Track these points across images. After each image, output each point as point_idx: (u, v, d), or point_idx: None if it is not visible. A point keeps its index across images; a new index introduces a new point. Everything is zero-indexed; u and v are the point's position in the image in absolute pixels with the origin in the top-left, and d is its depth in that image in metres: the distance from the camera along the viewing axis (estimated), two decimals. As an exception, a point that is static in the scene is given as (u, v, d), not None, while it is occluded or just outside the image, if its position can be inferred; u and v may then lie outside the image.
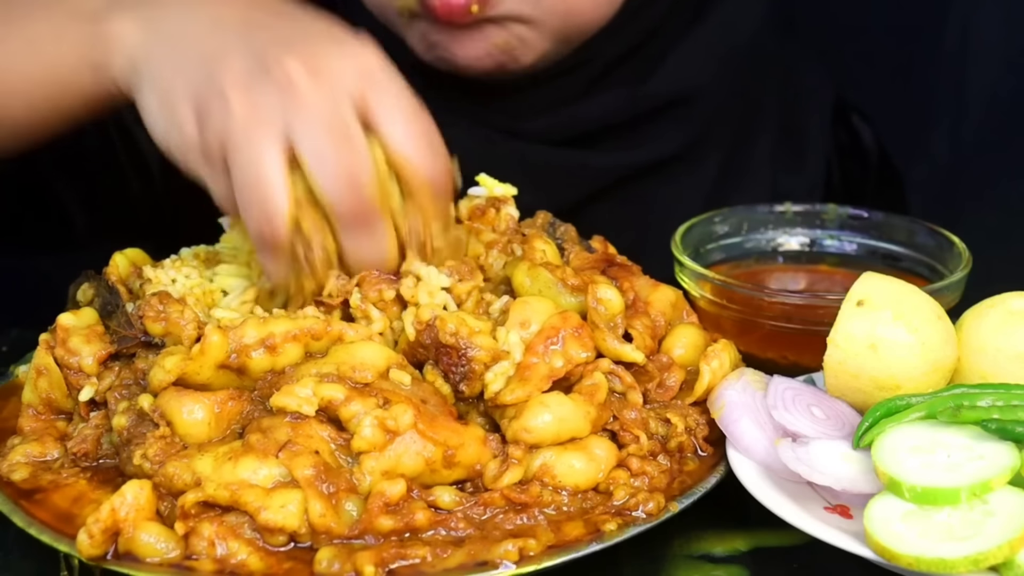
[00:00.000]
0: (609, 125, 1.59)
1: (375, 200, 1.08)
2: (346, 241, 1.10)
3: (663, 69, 1.59)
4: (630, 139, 1.60)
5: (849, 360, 1.10)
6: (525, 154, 1.57)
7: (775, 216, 1.49)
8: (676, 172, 1.63)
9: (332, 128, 1.06)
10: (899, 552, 0.93)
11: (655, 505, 1.03)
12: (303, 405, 1.02)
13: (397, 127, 1.08)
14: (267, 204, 1.06)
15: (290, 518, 0.97)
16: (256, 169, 1.05)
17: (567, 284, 1.15)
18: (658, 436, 1.11)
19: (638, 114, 1.59)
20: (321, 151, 1.05)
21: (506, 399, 1.06)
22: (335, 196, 1.06)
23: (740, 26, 1.64)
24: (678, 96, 1.60)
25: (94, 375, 1.13)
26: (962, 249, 1.36)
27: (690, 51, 1.60)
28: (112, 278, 1.20)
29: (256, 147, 1.05)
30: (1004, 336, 1.10)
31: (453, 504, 1.01)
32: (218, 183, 1.09)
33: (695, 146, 1.64)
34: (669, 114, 1.61)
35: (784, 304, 1.29)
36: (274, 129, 1.05)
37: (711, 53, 1.61)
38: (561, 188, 1.53)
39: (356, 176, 1.07)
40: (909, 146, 1.83)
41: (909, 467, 0.98)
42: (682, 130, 1.63)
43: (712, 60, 1.62)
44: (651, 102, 1.60)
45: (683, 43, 1.60)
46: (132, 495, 0.98)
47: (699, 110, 1.62)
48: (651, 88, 1.59)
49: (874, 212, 1.47)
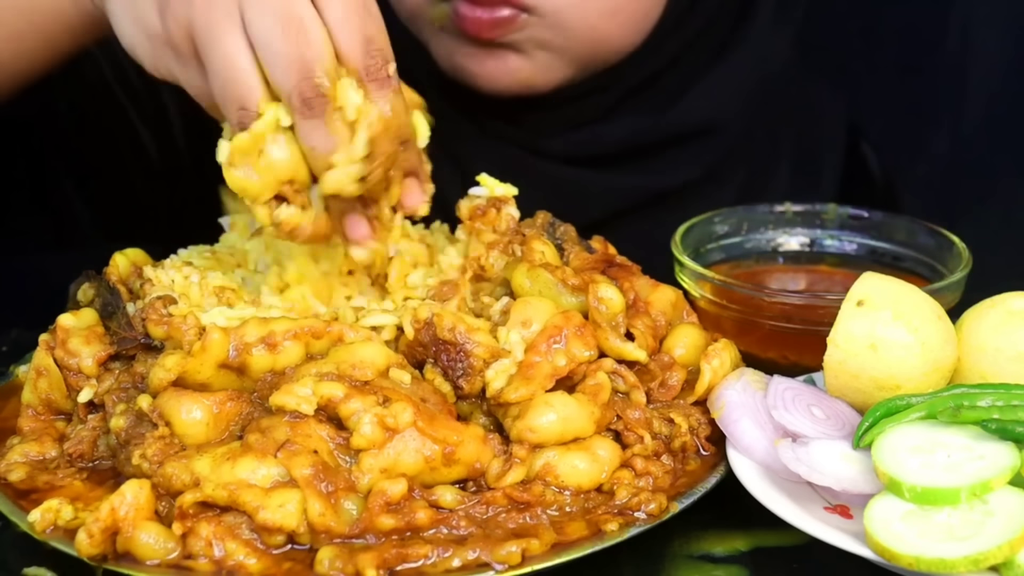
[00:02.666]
0: (630, 148, 1.60)
1: (324, 88, 1.06)
2: (300, 128, 1.08)
3: (689, 98, 1.60)
4: (651, 164, 1.61)
5: (849, 360, 1.10)
6: (544, 171, 1.58)
7: (775, 216, 1.49)
8: (695, 198, 1.62)
9: (281, 14, 1.06)
10: (899, 552, 0.93)
11: (657, 506, 1.03)
12: (302, 404, 1.02)
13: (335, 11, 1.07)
14: (241, 94, 1.06)
15: (288, 517, 0.97)
16: (224, 62, 1.06)
17: (567, 284, 1.15)
18: (662, 436, 1.11)
19: (660, 140, 1.60)
20: (270, 39, 1.06)
21: (509, 397, 1.06)
22: (285, 84, 1.06)
23: (769, 59, 1.65)
24: (703, 126, 1.61)
25: (94, 377, 1.13)
26: (962, 249, 1.36)
27: (718, 83, 1.61)
28: (112, 278, 1.20)
29: (221, 40, 1.06)
30: (1004, 336, 1.10)
31: (455, 503, 1.01)
32: (191, 78, 1.10)
33: (715, 173, 1.65)
34: (692, 142, 1.62)
35: (784, 304, 1.29)
36: (232, 16, 1.06)
37: (739, 86, 1.62)
38: (574, 209, 1.52)
39: (306, 63, 1.06)
40: (909, 146, 1.83)
41: (909, 467, 0.98)
42: (704, 159, 1.63)
43: (740, 93, 1.62)
44: (675, 129, 1.60)
45: (711, 74, 1.60)
46: (132, 494, 0.98)
47: (722, 140, 1.63)
48: (675, 116, 1.59)
49: (874, 212, 1.48)
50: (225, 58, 1.06)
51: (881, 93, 1.89)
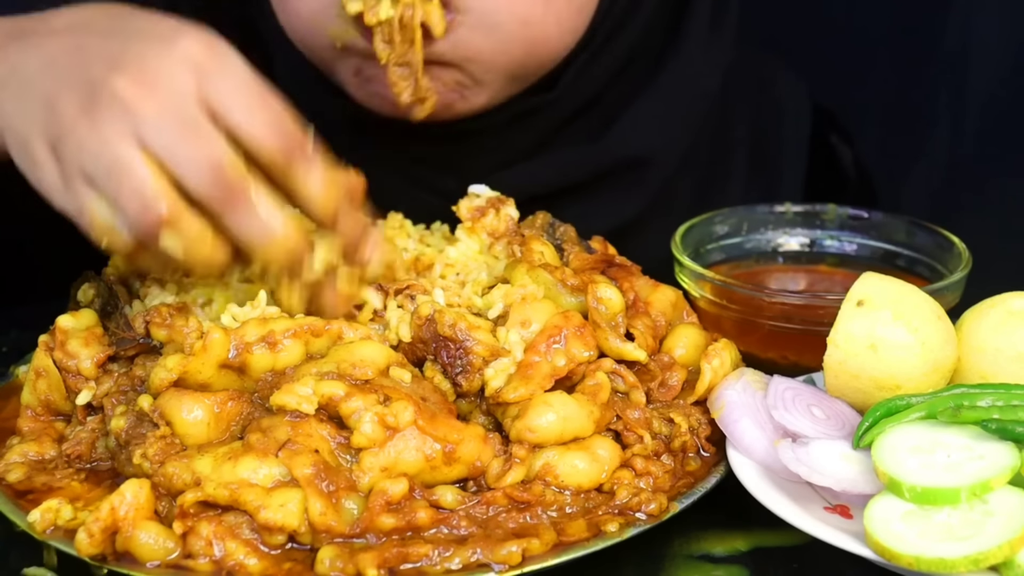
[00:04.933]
0: (562, 188, 1.52)
1: (241, 178, 1.05)
2: (233, 227, 1.06)
3: (618, 129, 1.53)
4: (588, 202, 1.54)
5: (849, 360, 1.10)
6: None
7: (775, 216, 1.49)
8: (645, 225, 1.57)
9: (177, 125, 1.04)
10: (899, 552, 0.93)
11: (657, 506, 1.03)
12: (303, 403, 1.03)
13: (239, 112, 1.06)
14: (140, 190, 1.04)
15: (290, 517, 0.97)
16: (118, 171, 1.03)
17: (567, 285, 1.15)
18: (661, 436, 1.11)
19: (594, 175, 1.53)
20: (173, 147, 1.04)
21: (508, 397, 1.06)
22: (200, 187, 1.04)
23: (700, 83, 1.58)
24: (634, 158, 1.54)
25: (92, 378, 1.13)
26: (962, 249, 1.36)
27: (646, 111, 1.54)
28: (112, 278, 1.20)
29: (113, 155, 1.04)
30: (1004, 336, 1.10)
31: (456, 503, 1.01)
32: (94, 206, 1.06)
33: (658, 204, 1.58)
34: (626, 176, 1.55)
35: (784, 304, 1.29)
36: (126, 139, 1.04)
37: (668, 112, 1.55)
38: None
39: (214, 160, 1.04)
40: (909, 146, 1.83)
41: (909, 467, 0.98)
42: (642, 192, 1.57)
43: (670, 120, 1.56)
44: (608, 162, 1.54)
45: (639, 103, 1.54)
46: (132, 494, 0.98)
47: (660, 168, 1.57)
48: (607, 147, 1.53)
49: (874, 212, 1.48)
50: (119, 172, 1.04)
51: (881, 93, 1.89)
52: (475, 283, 1.19)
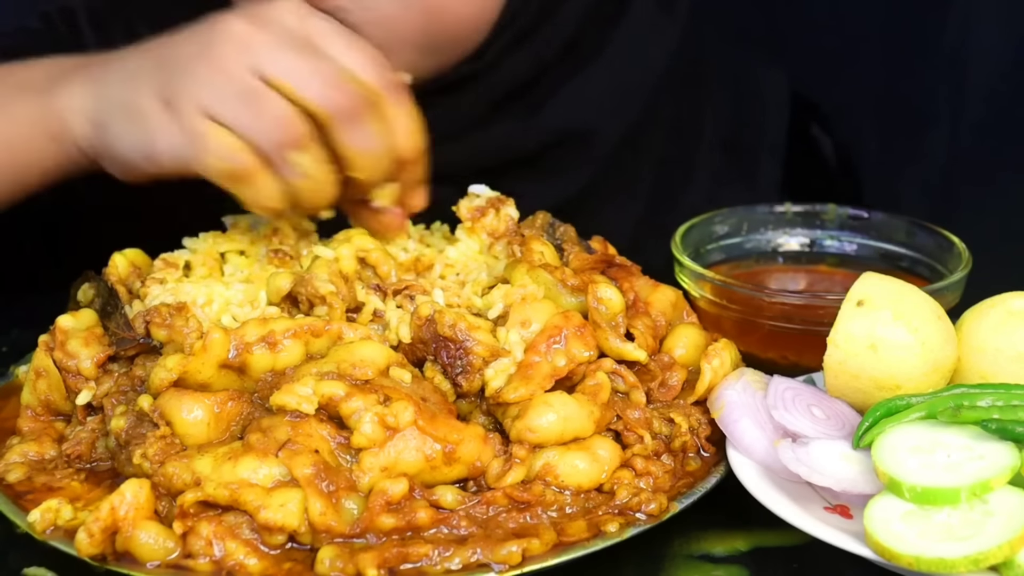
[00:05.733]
0: (510, 160, 1.56)
1: (359, 93, 1.14)
2: (350, 137, 1.14)
3: (559, 103, 1.58)
4: (532, 177, 1.56)
5: (849, 360, 1.10)
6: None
7: (775, 216, 1.49)
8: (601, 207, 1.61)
9: (298, 47, 1.13)
10: (899, 552, 0.93)
11: (657, 506, 1.03)
12: (302, 403, 1.03)
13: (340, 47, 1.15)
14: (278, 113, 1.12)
15: (290, 517, 0.97)
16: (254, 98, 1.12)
17: (567, 285, 1.15)
18: (662, 436, 1.11)
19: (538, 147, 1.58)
20: (296, 67, 1.13)
21: (508, 397, 1.06)
22: (326, 99, 1.13)
23: (641, 65, 1.62)
24: (577, 130, 1.59)
25: (92, 379, 1.13)
26: (962, 249, 1.36)
27: (588, 85, 1.58)
28: (112, 279, 1.20)
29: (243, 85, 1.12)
30: (1004, 336, 1.10)
31: (456, 503, 1.01)
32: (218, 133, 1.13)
33: (609, 181, 1.62)
34: (570, 146, 1.59)
35: (784, 304, 1.29)
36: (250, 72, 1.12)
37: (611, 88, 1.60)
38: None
39: (337, 76, 1.13)
40: (909, 145, 1.83)
41: (909, 467, 0.98)
42: (586, 166, 1.61)
43: (612, 95, 1.60)
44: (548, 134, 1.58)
45: (581, 76, 1.58)
46: (131, 494, 0.98)
47: (602, 143, 1.60)
48: (546, 120, 1.58)
49: (874, 212, 1.47)
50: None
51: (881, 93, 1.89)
52: (475, 283, 1.20)
